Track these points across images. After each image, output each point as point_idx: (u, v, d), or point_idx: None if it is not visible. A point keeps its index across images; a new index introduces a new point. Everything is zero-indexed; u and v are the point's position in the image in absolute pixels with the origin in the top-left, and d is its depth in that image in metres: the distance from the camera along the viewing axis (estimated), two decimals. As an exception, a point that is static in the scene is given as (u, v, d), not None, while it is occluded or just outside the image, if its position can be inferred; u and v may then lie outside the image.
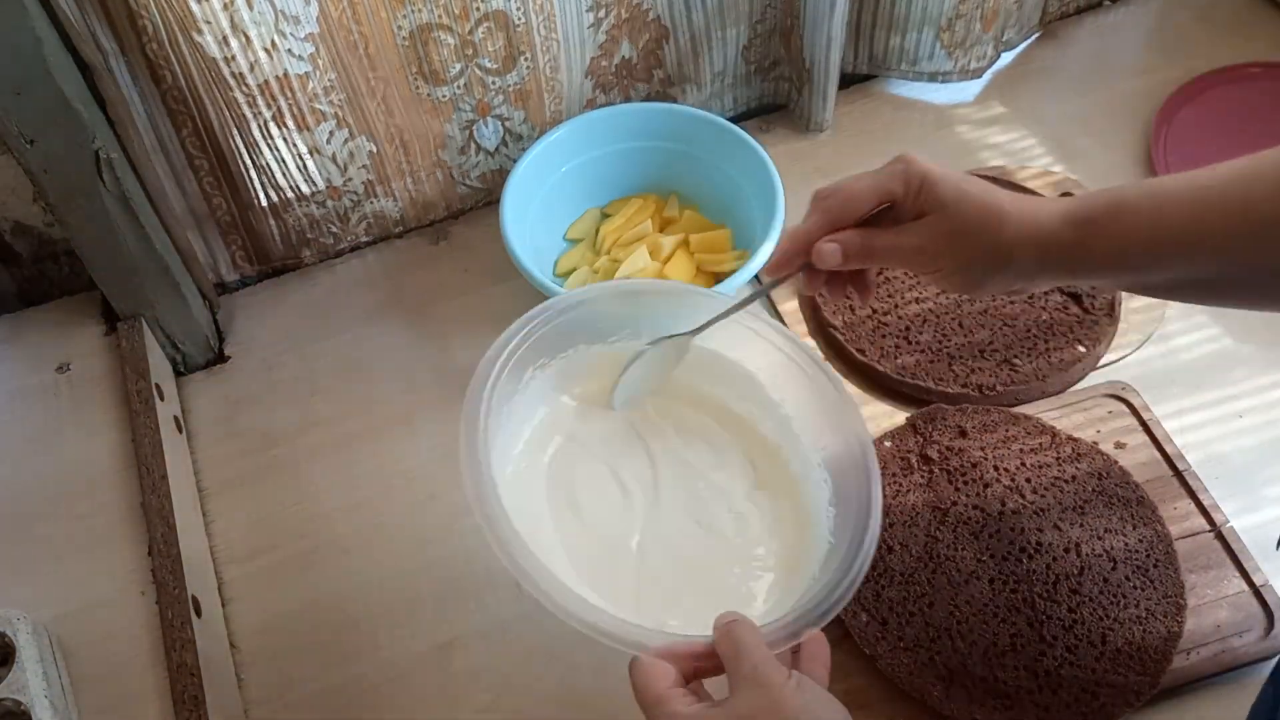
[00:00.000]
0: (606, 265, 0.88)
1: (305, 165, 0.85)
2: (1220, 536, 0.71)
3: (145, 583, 0.73)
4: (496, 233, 0.83)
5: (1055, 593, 0.68)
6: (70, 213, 0.74)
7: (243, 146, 0.82)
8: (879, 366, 0.81)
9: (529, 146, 0.88)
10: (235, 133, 0.80)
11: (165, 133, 0.80)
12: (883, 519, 0.58)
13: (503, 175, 0.88)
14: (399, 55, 0.81)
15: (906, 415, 0.79)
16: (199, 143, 0.81)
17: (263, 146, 0.82)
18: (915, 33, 0.96)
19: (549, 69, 0.87)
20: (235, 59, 0.75)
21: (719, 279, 0.82)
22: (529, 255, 0.81)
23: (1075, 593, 0.68)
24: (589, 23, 0.86)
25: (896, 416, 0.80)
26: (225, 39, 0.74)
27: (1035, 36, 1.07)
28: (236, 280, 0.93)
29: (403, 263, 0.94)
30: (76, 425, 0.81)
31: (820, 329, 0.86)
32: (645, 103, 0.94)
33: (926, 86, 1.03)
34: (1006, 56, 1.05)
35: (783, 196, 0.82)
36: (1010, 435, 0.76)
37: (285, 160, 0.84)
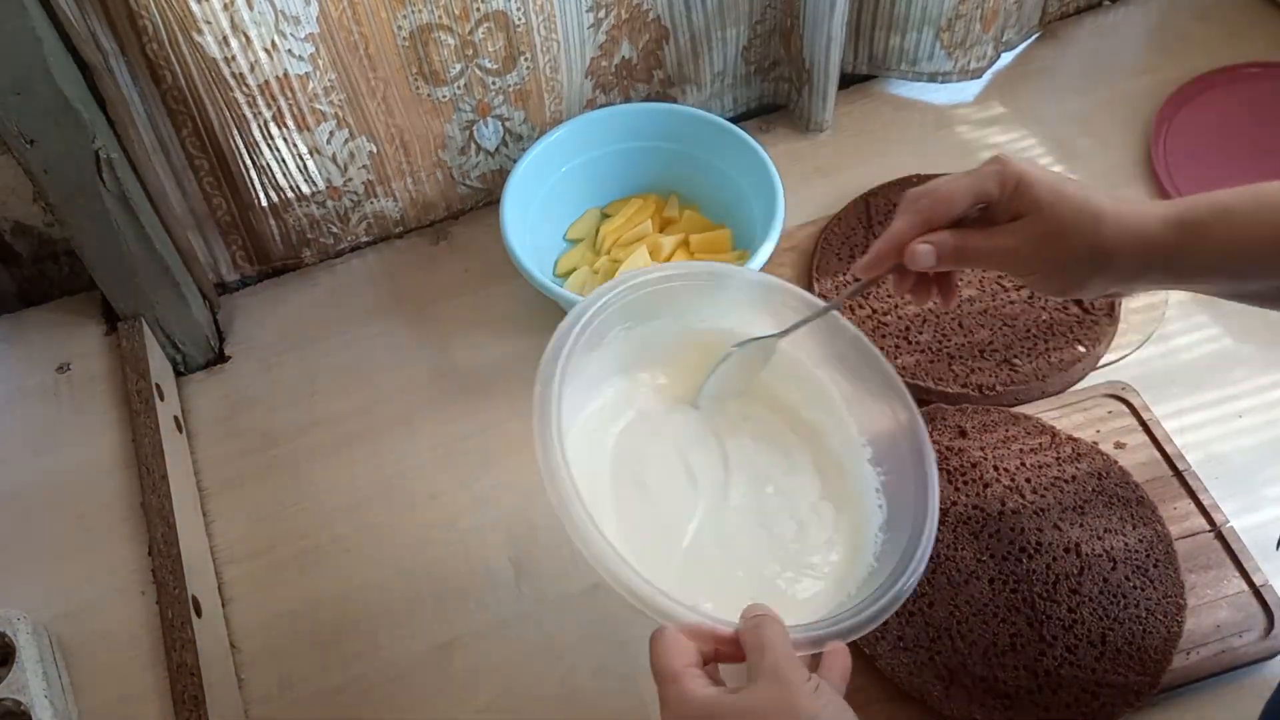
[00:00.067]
0: (606, 265, 0.88)
1: (305, 165, 0.85)
2: (1220, 536, 0.71)
3: (145, 583, 0.73)
4: (496, 233, 0.83)
5: (1055, 593, 0.68)
6: (70, 213, 0.74)
7: (243, 146, 0.82)
8: (879, 366, 0.81)
9: (529, 147, 0.88)
10: (235, 133, 0.80)
11: (165, 133, 0.80)
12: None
13: (503, 175, 0.88)
14: (399, 55, 0.81)
15: (906, 415, 0.79)
16: (199, 143, 0.81)
17: (263, 146, 0.82)
18: (915, 33, 0.96)
19: (549, 69, 0.87)
20: (235, 59, 0.75)
21: (719, 279, 0.81)
22: (529, 255, 0.81)
23: (1075, 593, 0.68)
24: (589, 23, 0.86)
25: (896, 416, 0.80)
26: (225, 39, 0.74)
27: (1035, 36, 1.07)
28: (237, 280, 0.93)
29: (403, 263, 0.94)
30: (76, 425, 0.81)
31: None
32: (645, 103, 0.94)
33: (926, 86, 1.03)
34: (1006, 56, 1.05)
35: (783, 196, 0.82)
36: (1010, 435, 0.76)
37: (285, 160, 0.84)
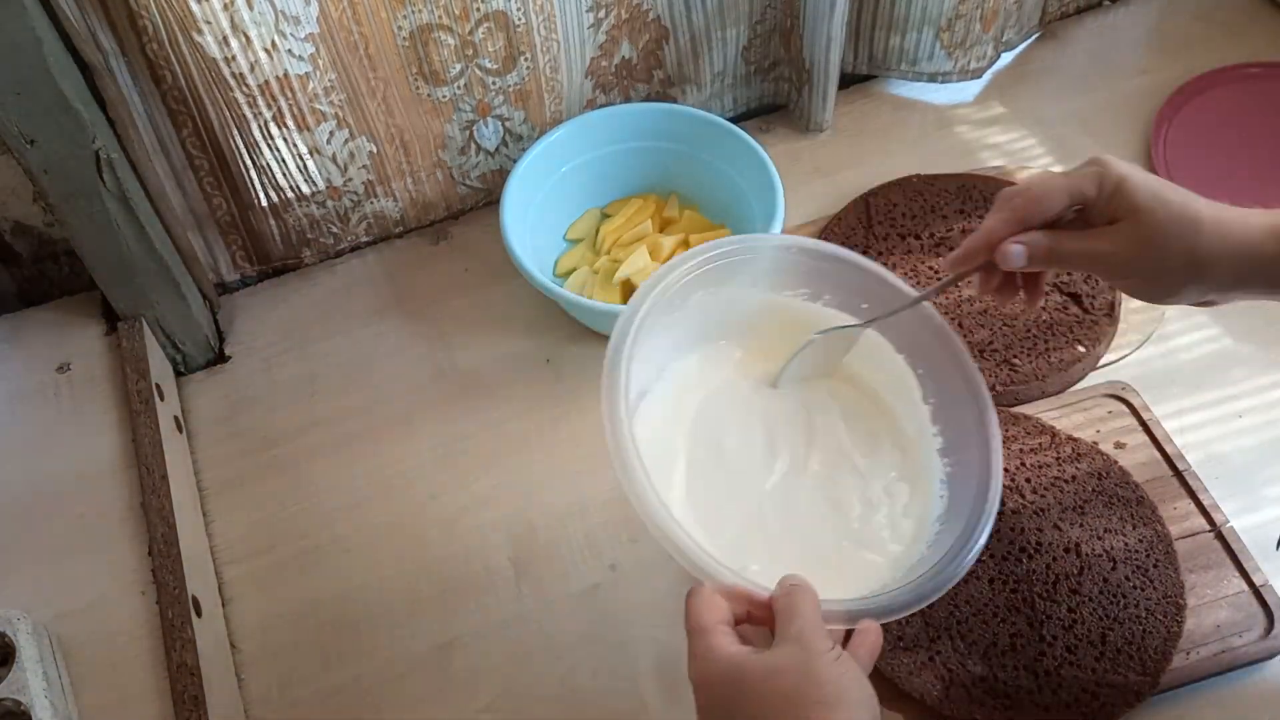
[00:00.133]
0: (606, 265, 0.88)
1: (305, 165, 0.85)
2: (1220, 536, 0.71)
3: (145, 583, 0.73)
4: (496, 233, 0.83)
5: (1055, 592, 0.68)
6: (70, 213, 0.74)
7: (243, 146, 0.82)
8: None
9: (529, 147, 0.88)
10: (235, 133, 0.80)
11: (165, 133, 0.80)
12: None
13: (503, 175, 0.88)
14: (399, 55, 0.81)
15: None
16: (199, 143, 0.81)
17: (263, 146, 0.82)
18: (915, 33, 0.96)
19: (549, 69, 0.87)
20: (235, 59, 0.75)
21: (719, 279, 0.81)
22: (529, 255, 0.81)
23: (1075, 592, 0.68)
24: (589, 23, 0.86)
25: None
26: (225, 39, 0.74)
27: (1035, 36, 1.07)
28: (237, 280, 0.93)
29: (403, 263, 0.94)
30: (76, 425, 0.81)
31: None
32: (645, 103, 0.94)
33: (926, 86, 1.03)
34: (1006, 56, 1.05)
35: (782, 196, 0.82)
36: (1010, 435, 0.76)
37: (285, 160, 0.84)
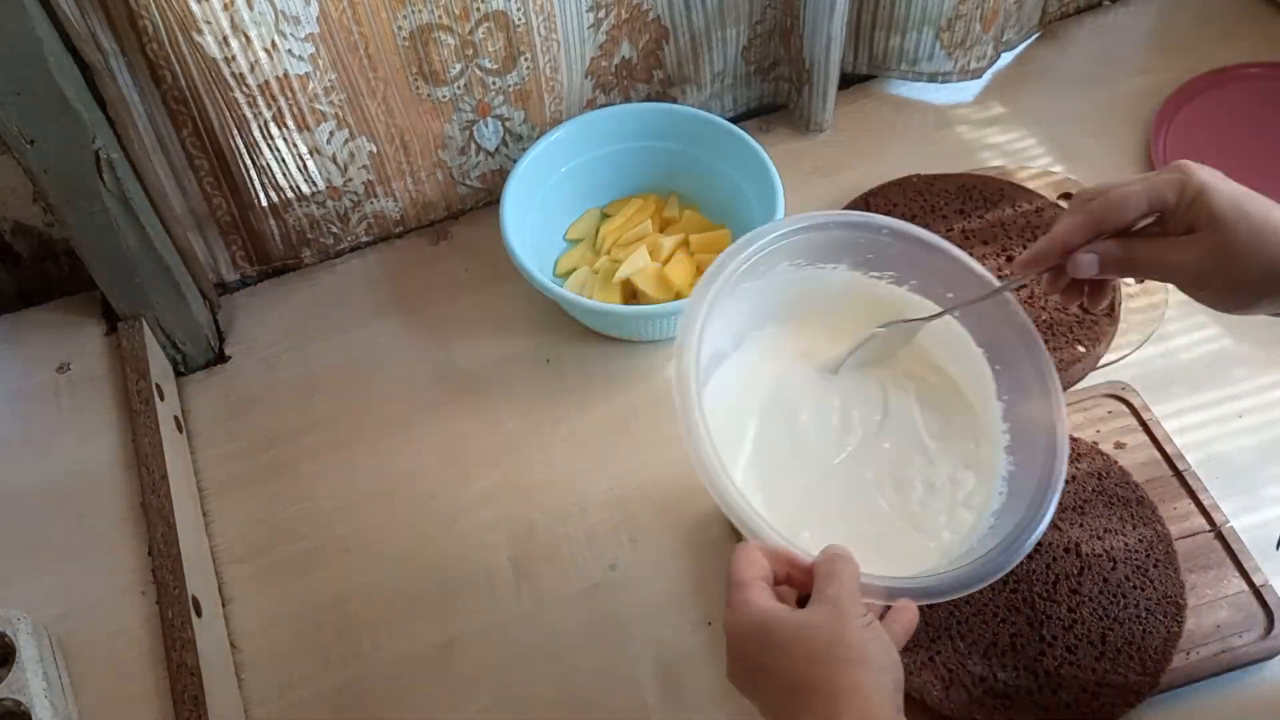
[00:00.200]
0: (606, 265, 0.88)
1: (305, 165, 0.85)
2: (1220, 536, 0.71)
3: (145, 583, 0.73)
4: (496, 233, 0.83)
5: (1055, 592, 0.68)
6: (70, 213, 0.74)
7: (243, 146, 0.82)
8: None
9: (529, 147, 0.88)
10: (235, 133, 0.80)
11: (165, 133, 0.80)
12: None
13: (503, 175, 0.88)
14: (399, 55, 0.81)
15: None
16: (199, 143, 0.81)
17: (263, 147, 0.82)
18: (915, 33, 0.96)
19: (549, 69, 0.87)
20: (235, 59, 0.75)
21: (719, 279, 0.81)
22: (529, 255, 0.81)
23: (1075, 592, 0.68)
24: (589, 23, 0.86)
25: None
26: (225, 39, 0.74)
27: (1035, 37, 1.07)
28: (237, 280, 0.93)
29: (403, 263, 0.94)
30: (76, 425, 0.81)
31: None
32: (645, 103, 0.94)
33: (926, 87, 1.03)
34: (1006, 57, 1.05)
35: (783, 196, 0.82)
36: (1010, 435, 0.76)
37: (285, 160, 0.84)
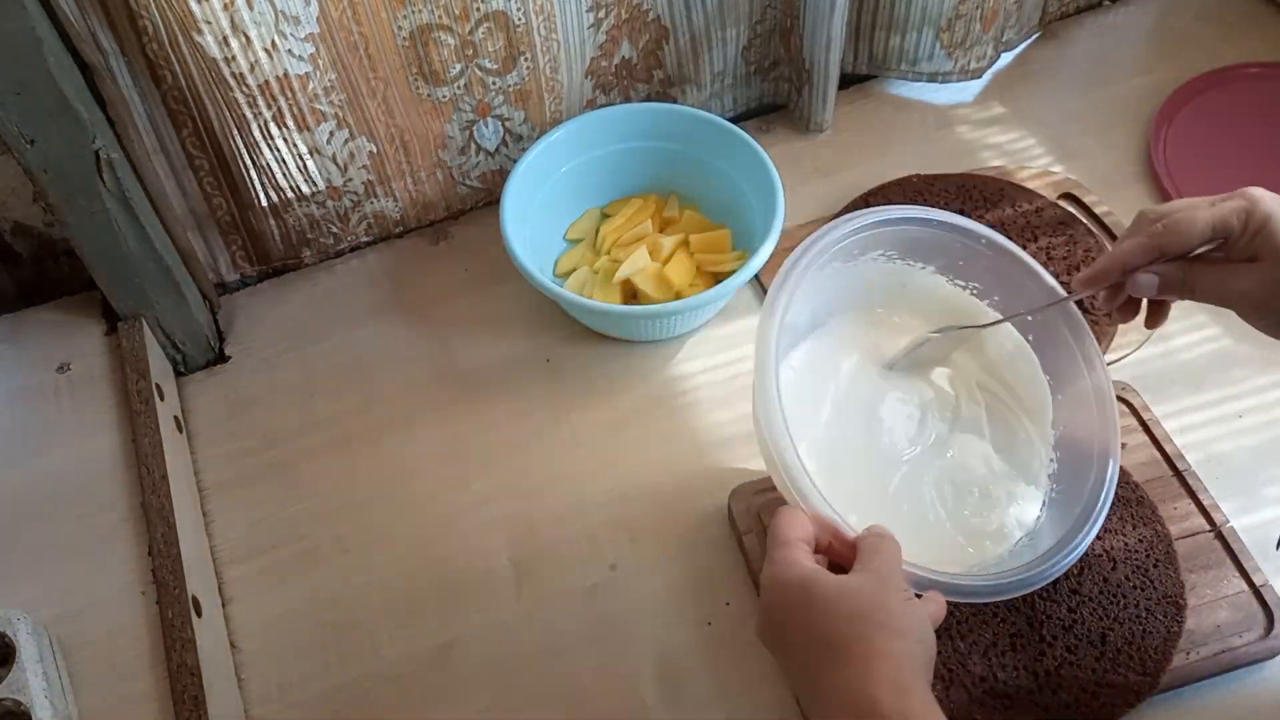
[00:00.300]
0: (606, 265, 0.88)
1: (305, 165, 0.85)
2: (1220, 536, 0.71)
3: (145, 583, 0.73)
4: (496, 233, 0.83)
5: (1055, 592, 0.68)
6: (70, 213, 0.74)
7: (243, 147, 0.82)
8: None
9: (529, 147, 0.88)
10: (235, 133, 0.80)
11: (165, 133, 0.80)
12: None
13: (503, 175, 0.88)
14: (399, 56, 0.81)
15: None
16: (199, 143, 0.81)
17: (263, 147, 0.82)
18: (915, 33, 0.96)
19: (549, 69, 0.87)
20: (235, 59, 0.75)
21: (719, 279, 0.81)
22: (529, 255, 0.81)
23: (1075, 592, 0.68)
24: (589, 23, 0.86)
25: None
26: (225, 39, 0.74)
27: (1035, 37, 1.07)
28: (237, 280, 0.93)
29: (403, 263, 0.94)
30: (76, 425, 0.81)
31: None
32: (645, 103, 0.94)
33: (926, 87, 1.03)
34: (1006, 57, 1.05)
35: (783, 196, 0.82)
36: (1011, 435, 0.76)
37: (285, 160, 0.84)
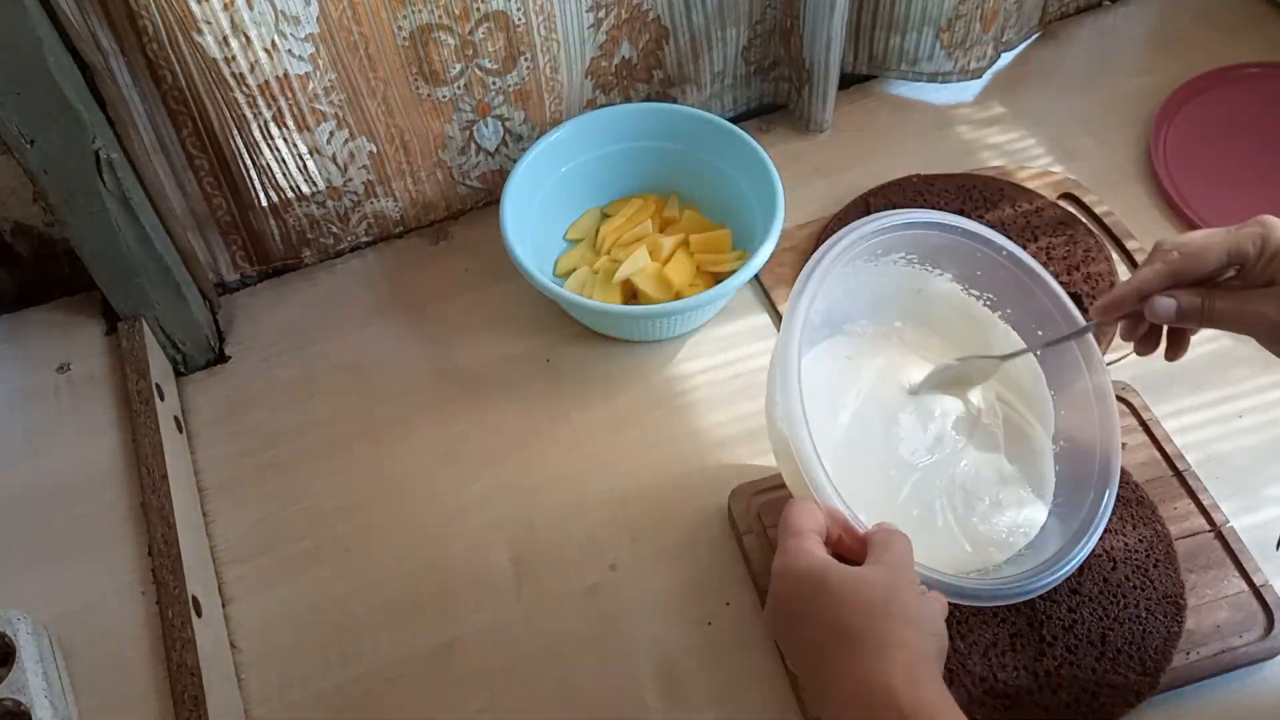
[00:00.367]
0: (606, 265, 0.88)
1: (305, 165, 0.85)
2: (1220, 536, 0.71)
3: (145, 583, 0.73)
4: (496, 233, 0.83)
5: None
6: (70, 213, 0.74)
7: (243, 147, 0.82)
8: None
9: (529, 147, 0.88)
10: (235, 133, 0.80)
11: (165, 133, 0.80)
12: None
13: (503, 175, 0.88)
14: (399, 56, 0.81)
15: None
16: (199, 143, 0.81)
17: (263, 147, 0.82)
18: (915, 33, 0.96)
19: (549, 69, 0.87)
20: (235, 59, 0.75)
21: (719, 279, 0.81)
22: (529, 255, 0.81)
23: (1075, 592, 0.68)
24: (589, 23, 0.86)
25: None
26: (225, 39, 0.74)
27: (1035, 37, 1.07)
28: (237, 280, 0.93)
29: (403, 263, 0.94)
30: (76, 425, 0.81)
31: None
32: (645, 103, 0.94)
33: (926, 87, 1.03)
34: (1006, 57, 1.05)
35: (783, 196, 0.82)
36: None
37: (285, 160, 0.84)
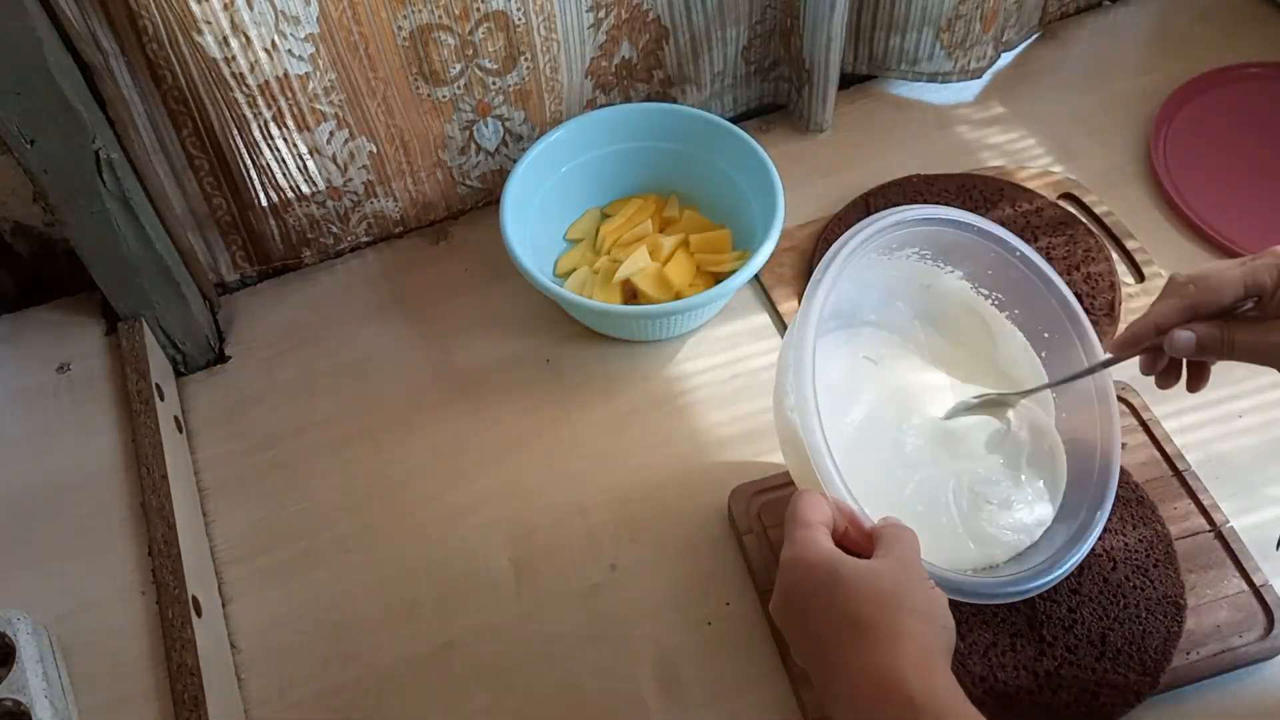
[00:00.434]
0: (606, 265, 0.88)
1: (305, 165, 0.85)
2: (1220, 536, 0.71)
3: (145, 583, 0.73)
4: (496, 233, 0.83)
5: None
6: (70, 213, 0.74)
7: (243, 147, 0.82)
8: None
9: (529, 147, 0.88)
10: (235, 133, 0.80)
11: (165, 133, 0.80)
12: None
13: (503, 175, 0.88)
14: (399, 55, 0.81)
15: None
16: (199, 143, 0.81)
17: (263, 147, 0.82)
18: (915, 33, 0.96)
19: (549, 69, 0.87)
20: (235, 59, 0.75)
21: (719, 279, 0.81)
22: (529, 255, 0.81)
23: (1075, 592, 0.68)
24: (589, 23, 0.86)
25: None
26: (225, 39, 0.74)
27: (1035, 37, 1.07)
28: (237, 280, 0.93)
29: (403, 263, 0.94)
30: (76, 425, 0.81)
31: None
32: (645, 103, 0.94)
33: (926, 87, 1.03)
34: (1006, 57, 1.05)
35: (783, 196, 0.82)
36: (1011, 435, 0.76)
37: (285, 160, 0.84)
